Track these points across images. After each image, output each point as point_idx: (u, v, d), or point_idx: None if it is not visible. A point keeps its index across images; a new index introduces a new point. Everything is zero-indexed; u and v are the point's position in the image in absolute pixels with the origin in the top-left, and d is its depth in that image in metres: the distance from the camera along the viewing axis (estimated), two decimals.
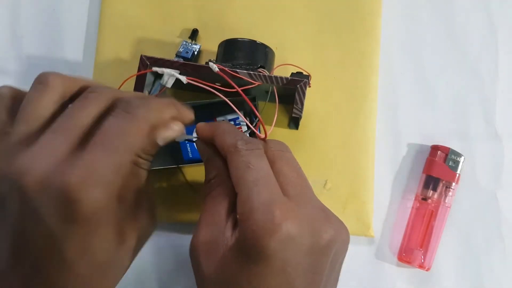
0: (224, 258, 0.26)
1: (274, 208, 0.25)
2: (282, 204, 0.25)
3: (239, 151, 0.27)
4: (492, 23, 0.43)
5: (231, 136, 0.28)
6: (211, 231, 0.27)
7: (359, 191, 0.39)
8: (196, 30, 0.40)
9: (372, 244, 0.40)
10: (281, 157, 0.28)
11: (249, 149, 0.27)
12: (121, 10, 0.41)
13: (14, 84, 0.41)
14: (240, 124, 0.36)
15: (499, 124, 0.42)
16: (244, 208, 0.25)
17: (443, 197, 0.39)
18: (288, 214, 0.25)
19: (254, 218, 0.25)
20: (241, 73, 0.33)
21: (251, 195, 0.25)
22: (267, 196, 0.25)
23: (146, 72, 0.34)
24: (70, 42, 0.42)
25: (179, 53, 0.39)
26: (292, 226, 0.24)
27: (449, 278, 0.40)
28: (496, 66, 0.43)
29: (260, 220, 0.24)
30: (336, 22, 0.41)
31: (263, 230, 0.24)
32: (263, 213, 0.25)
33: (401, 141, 0.42)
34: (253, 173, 0.26)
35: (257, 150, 0.28)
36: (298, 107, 0.34)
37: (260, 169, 0.27)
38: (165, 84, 0.34)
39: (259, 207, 0.25)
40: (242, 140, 0.28)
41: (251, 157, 0.27)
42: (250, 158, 0.27)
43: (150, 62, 0.34)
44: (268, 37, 0.38)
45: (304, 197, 0.27)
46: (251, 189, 0.26)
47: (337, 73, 0.41)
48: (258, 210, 0.25)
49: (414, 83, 0.42)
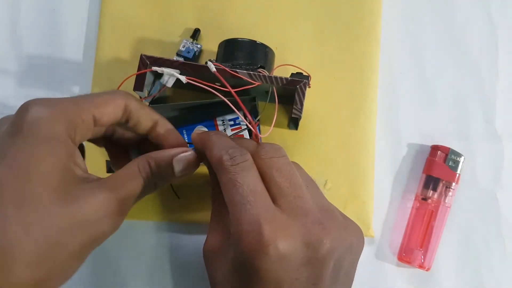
0: (228, 270, 0.26)
1: (262, 228, 0.24)
2: (271, 222, 0.24)
3: (224, 167, 0.26)
4: (492, 23, 0.43)
5: (217, 149, 0.28)
6: (216, 240, 0.28)
7: (359, 191, 0.39)
8: (198, 29, 0.40)
9: (372, 244, 0.40)
10: (272, 166, 0.27)
11: (234, 163, 0.26)
12: (121, 10, 0.41)
13: (14, 84, 0.42)
14: (240, 124, 0.36)
15: (499, 124, 0.42)
16: (235, 229, 0.25)
17: (443, 197, 0.39)
18: (278, 231, 0.24)
19: (243, 240, 0.24)
20: (241, 73, 0.33)
21: (239, 215, 0.25)
22: (255, 215, 0.25)
23: (146, 72, 0.34)
24: (70, 42, 0.42)
25: (180, 52, 0.38)
26: (283, 244, 0.24)
27: (449, 278, 0.40)
28: (496, 66, 0.43)
29: (249, 242, 0.24)
30: (336, 22, 0.41)
31: (253, 252, 0.24)
32: (252, 235, 0.24)
33: (401, 141, 0.42)
34: (240, 190, 0.26)
35: (243, 163, 0.27)
36: (298, 108, 0.34)
37: (247, 185, 0.26)
38: (165, 83, 0.34)
39: (247, 229, 0.24)
40: (227, 155, 0.27)
41: (237, 173, 0.26)
42: (236, 175, 0.26)
43: (150, 61, 0.34)
44: (268, 37, 0.38)
45: (297, 209, 0.26)
46: (238, 208, 0.25)
47: (337, 73, 0.41)
48: (247, 232, 0.24)
49: (414, 83, 0.42)
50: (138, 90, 0.34)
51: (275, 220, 0.25)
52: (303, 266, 0.25)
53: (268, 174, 0.27)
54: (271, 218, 0.25)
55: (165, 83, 0.34)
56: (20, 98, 0.41)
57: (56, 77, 0.41)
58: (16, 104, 0.42)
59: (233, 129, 0.36)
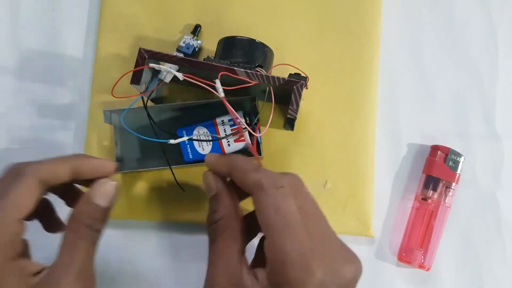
0: None
1: (308, 258, 0.25)
2: (313, 252, 0.25)
3: (266, 190, 0.27)
4: (492, 23, 0.43)
5: (254, 173, 0.28)
6: (228, 278, 0.27)
7: (359, 191, 0.39)
8: (199, 25, 0.40)
9: (372, 244, 0.40)
10: (300, 193, 0.28)
11: (275, 188, 0.27)
12: (121, 8, 0.41)
13: (14, 81, 0.42)
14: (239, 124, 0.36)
15: (499, 124, 0.42)
16: (277, 256, 0.25)
17: (443, 197, 0.39)
18: (318, 261, 0.25)
19: (289, 269, 0.25)
20: (239, 71, 0.33)
21: (284, 244, 0.25)
22: (300, 245, 0.25)
23: (143, 68, 0.33)
24: (70, 40, 0.42)
25: (180, 48, 0.38)
26: (322, 272, 0.25)
27: (449, 278, 0.40)
28: (496, 66, 0.43)
29: (295, 272, 0.25)
30: (337, 22, 0.41)
31: (299, 281, 0.25)
32: (298, 265, 0.25)
33: (401, 141, 0.42)
34: (283, 218, 0.26)
35: (283, 189, 0.27)
36: (294, 108, 0.34)
37: (289, 213, 0.26)
38: (163, 79, 0.34)
39: (294, 259, 0.25)
40: (267, 178, 0.27)
41: (278, 198, 0.27)
42: (278, 201, 0.26)
43: (148, 55, 0.33)
44: (269, 37, 0.38)
45: (327, 237, 0.27)
46: (282, 237, 0.26)
47: (337, 73, 0.41)
48: (292, 261, 0.25)
49: (414, 83, 0.42)
50: (135, 83, 0.34)
51: (315, 250, 0.26)
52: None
53: (298, 201, 0.27)
54: (312, 249, 0.26)
55: (163, 79, 0.34)
56: (20, 97, 0.41)
57: (56, 77, 0.41)
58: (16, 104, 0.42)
59: (233, 129, 0.36)
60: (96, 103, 0.40)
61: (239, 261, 0.27)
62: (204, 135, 0.36)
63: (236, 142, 0.36)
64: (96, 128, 0.39)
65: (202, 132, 0.36)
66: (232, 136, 0.36)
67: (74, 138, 0.40)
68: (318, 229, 0.27)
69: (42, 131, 0.40)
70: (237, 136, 0.36)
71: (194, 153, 0.36)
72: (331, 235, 0.28)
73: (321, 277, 0.25)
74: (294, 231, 0.26)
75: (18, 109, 0.41)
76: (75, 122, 0.41)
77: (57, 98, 0.41)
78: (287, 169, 0.39)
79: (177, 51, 0.38)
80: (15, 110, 0.41)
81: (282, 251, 0.25)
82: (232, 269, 0.27)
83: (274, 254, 0.26)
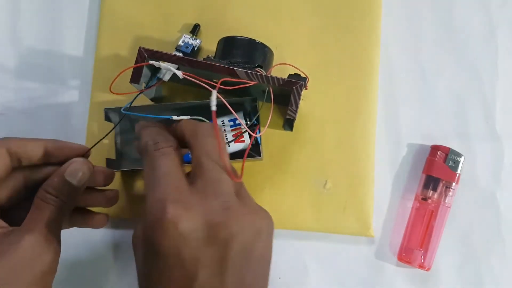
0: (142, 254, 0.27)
1: (166, 206, 0.25)
2: (176, 202, 0.26)
3: (148, 152, 0.29)
4: (492, 23, 0.43)
5: (145, 137, 0.30)
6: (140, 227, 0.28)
7: (359, 191, 0.39)
8: (198, 25, 0.40)
9: (372, 244, 0.40)
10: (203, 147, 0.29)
11: (156, 149, 0.29)
12: (121, 8, 0.41)
13: (13, 80, 0.42)
14: (239, 125, 0.36)
15: (499, 124, 0.42)
16: (145, 208, 0.26)
17: (443, 197, 0.39)
18: (181, 210, 0.25)
19: (148, 217, 0.26)
20: (238, 72, 0.33)
21: (149, 195, 0.27)
22: (162, 194, 0.26)
23: (143, 65, 0.34)
24: (70, 41, 0.42)
25: (179, 47, 0.38)
26: (183, 223, 0.25)
27: (449, 278, 0.40)
28: (496, 66, 0.43)
29: (153, 219, 0.25)
30: (337, 22, 0.41)
31: (156, 228, 0.25)
32: (156, 212, 0.25)
33: (401, 141, 0.42)
34: (155, 173, 0.28)
35: (164, 149, 0.29)
36: (293, 109, 0.34)
37: (162, 168, 0.28)
38: (162, 77, 0.34)
39: (153, 204, 0.26)
40: (151, 141, 0.29)
41: (157, 157, 0.28)
42: (155, 159, 0.28)
43: (148, 55, 0.33)
44: (269, 37, 0.38)
45: (211, 191, 0.27)
46: (149, 188, 0.27)
47: (337, 73, 0.41)
48: (151, 209, 0.26)
49: (414, 83, 0.42)
50: (135, 82, 0.34)
51: (181, 200, 0.26)
52: (204, 246, 0.25)
53: (196, 151, 0.29)
54: (177, 198, 0.26)
55: (162, 77, 0.34)
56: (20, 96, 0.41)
57: (56, 77, 0.41)
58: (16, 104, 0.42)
59: (233, 129, 0.36)
60: (96, 102, 0.40)
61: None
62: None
63: (236, 142, 0.36)
64: (96, 127, 0.39)
65: None
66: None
67: (74, 137, 0.40)
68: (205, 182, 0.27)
69: (42, 130, 0.40)
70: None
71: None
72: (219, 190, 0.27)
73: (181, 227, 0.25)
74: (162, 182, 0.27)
75: (18, 108, 0.41)
76: (75, 121, 0.41)
77: (57, 98, 0.41)
78: (287, 169, 0.39)
79: (176, 51, 0.38)
80: (15, 110, 0.41)
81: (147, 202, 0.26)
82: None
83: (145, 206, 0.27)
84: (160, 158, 0.28)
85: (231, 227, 0.26)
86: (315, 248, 0.39)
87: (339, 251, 0.40)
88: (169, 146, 0.29)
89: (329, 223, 0.39)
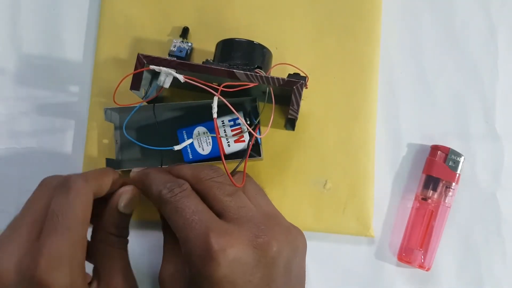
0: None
1: (209, 238, 0.26)
2: (217, 231, 0.26)
3: (164, 200, 0.29)
4: (492, 23, 0.43)
5: (155, 187, 0.30)
6: (171, 265, 0.29)
7: (359, 191, 0.39)
8: (187, 28, 0.40)
9: (372, 244, 0.40)
10: (212, 185, 0.29)
11: (173, 195, 0.29)
12: (121, 10, 0.41)
13: (13, 84, 0.42)
14: (240, 124, 0.36)
15: (499, 124, 0.42)
16: (185, 248, 0.27)
17: (443, 197, 0.39)
18: (226, 238, 0.26)
19: (194, 254, 0.26)
20: (238, 74, 0.33)
21: (187, 235, 0.27)
22: (201, 229, 0.27)
23: (143, 71, 0.33)
24: (70, 42, 0.42)
25: (172, 52, 0.38)
26: (231, 249, 0.26)
27: (449, 278, 0.40)
28: (496, 66, 0.43)
29: (199, 254, 0.26)
30: (336, 22, 0.41)
31: (205, 262, 0.25)
32: (201, 247, 0.26)
33: (401, 141, 0.42)
34: (183, 214, 0.28)
35: (182, 193, 0.29)
36: (294, 109, 0.34)
37: (188, 208, 0.28)
38: (162, 84, 0.33)
39: (195, 241, 0.26)
40: (165, 189, 0.29)
41: (177, 201, 0.28)
42: (177, 203, 0.28)
43: (147, 61, 0.33)
44: (268, 37, 0.38)
45: (241, 217, 0.28)
46: (184, 229, 0.27)
47: (337, 73, 0.41)
48: (195, 245, 0.26)
49: (414, 83, 0.42)
50: (135, 89, 0.34)
51: (221, 229, 0.27)
52: (254, 268, 0.26)
53: (211, 194, 0.29)
54: (217, 228, 0.26)
55: (162, 84, 0.33)
56: (20, 98, 0.41)
57: (56, 77, 0.41)
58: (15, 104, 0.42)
59: (233, 129, 0.36)
60: (96, 102, 0.40)
61: None
62: (205, 136, 0.36)
63: (236, 142, 0.36)
64: (96, 127, 0.39)
65: (203, 132, 0.36)
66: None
67: (74, 137, 0.40)
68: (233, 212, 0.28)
69: (42, 131, 0.40)
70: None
71: (194, 153, 0.36)
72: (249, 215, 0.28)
73: (229, 254, 0.25)
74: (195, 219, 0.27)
75: (17, 109, 0.41)
76: (75, 122, 0.41)
77: (57, 99, 0.41)
78: (287, 169, 0.39)
79: (169, 56, 0.38)
80: (14, 111, 0.41)
81: (186, 240, 0.27)
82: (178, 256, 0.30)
83: (183, 247, 0.27)
84: (183, 201, 0.28)
85: (274, 246, 0.27)
86: (315, 248, 0.39)
87: (339, 251, 0.40)
88: (185, 189, 0.29)
89: (329, 223, 0.39)
